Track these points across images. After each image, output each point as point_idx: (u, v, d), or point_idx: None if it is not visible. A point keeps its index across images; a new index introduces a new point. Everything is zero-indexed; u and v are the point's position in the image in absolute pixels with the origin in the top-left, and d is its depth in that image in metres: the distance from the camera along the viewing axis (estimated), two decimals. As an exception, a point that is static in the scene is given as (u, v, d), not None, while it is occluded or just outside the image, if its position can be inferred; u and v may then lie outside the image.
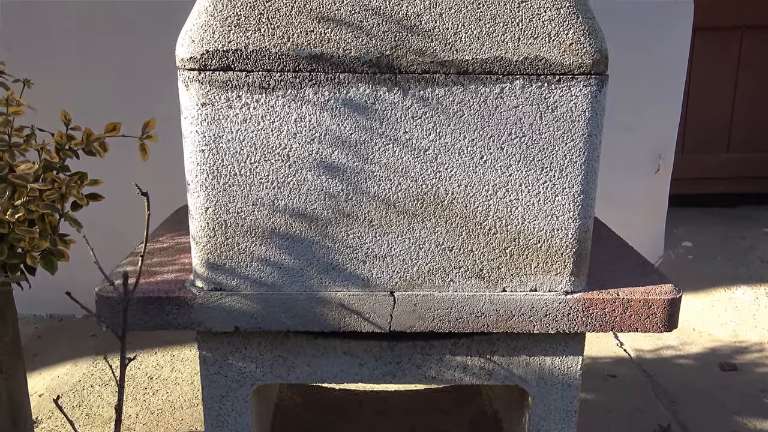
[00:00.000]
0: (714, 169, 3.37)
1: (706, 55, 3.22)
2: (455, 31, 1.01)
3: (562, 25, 1.01)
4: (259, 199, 1.07)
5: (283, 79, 1.03)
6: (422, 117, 1.04)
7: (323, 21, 1.01)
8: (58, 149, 1.46)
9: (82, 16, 2.44)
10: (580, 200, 1.08)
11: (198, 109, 1.04)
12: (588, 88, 1.03)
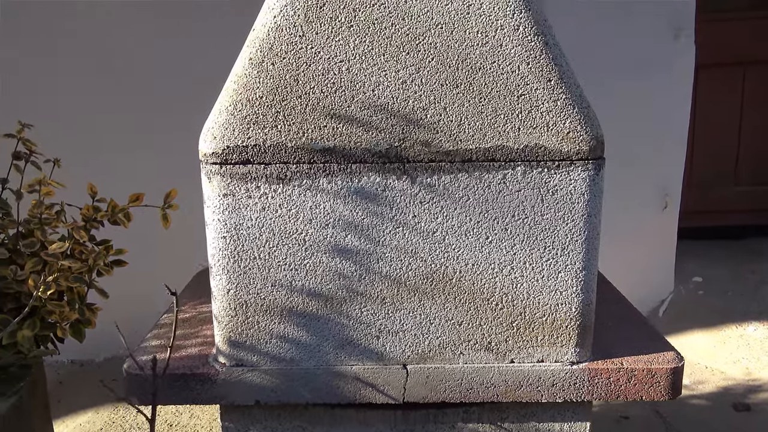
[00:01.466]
0: (722, 202, 3.40)
1: (710, 91, 3.27)
2: (459, 123, 1.08)
3: (560, 115, 1.08)
4: (278, 280, 1.14)
5: (299, 170, 1.10)
6: (430, 202, 1.11)
7: (335, 117, 1.08)
8: (85, 221, 1.54)
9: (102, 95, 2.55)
10: (583, 276, 1.14)
11: (220, 200, 1.11)
12: (586, 172, 1.09)
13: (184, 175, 1.78)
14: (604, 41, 2.72)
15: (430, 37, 1.06)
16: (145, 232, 1.73)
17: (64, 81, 2.57)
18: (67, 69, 2.57)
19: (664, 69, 2.80)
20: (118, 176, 2.03)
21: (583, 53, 2.69)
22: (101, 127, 2.58)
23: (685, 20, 2.82)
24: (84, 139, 2.55)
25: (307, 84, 1.07)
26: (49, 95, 2.57)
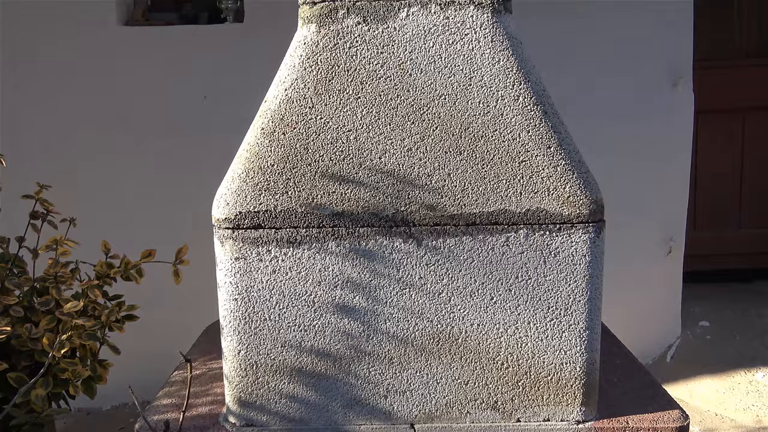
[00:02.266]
0: (727, 245, 3.42)
1: (710, 136, 3.32)
2: (462, 188, 1.12)
3: (560, 180, 1.12)
4: (287, 341, 1.16)
5: (308, 234, 1.13)
6: (435, 264, 1.14)
7: (343, 183, 1.12)
8: (99, 277, 1.58)
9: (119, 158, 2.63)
10: (586, 335, 1.16)
11: (232, 263, 1.14)
12: (587, 234, 1.13)
13: (196, 230, 1.82)
14: (604, 89, 2.78)
15: (434, 107, 1.11)
16: (156, 286, 1.77)
17: (81, 138, 2.64)
18: (83, 127, 2.64)
19: (664, 116, 2.86)
20: (131, 230, 2.08)
21: (583, 101, 2.75)
22: (116, 183, 2.64)
23: (684, 68, 2.89)
24: (99, 195, 2.61)
25: (316, 152, 1.12)
26: (64, 151, 2.64)
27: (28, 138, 2.63)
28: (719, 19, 3.33)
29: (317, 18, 1.10)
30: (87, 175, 2.62)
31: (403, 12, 1.09)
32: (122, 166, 2.63)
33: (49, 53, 2.64)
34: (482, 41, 1.10)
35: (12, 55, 2.62)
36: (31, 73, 2.64)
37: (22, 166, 2.20)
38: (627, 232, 2.70)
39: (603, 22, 2.77)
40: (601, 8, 2.76)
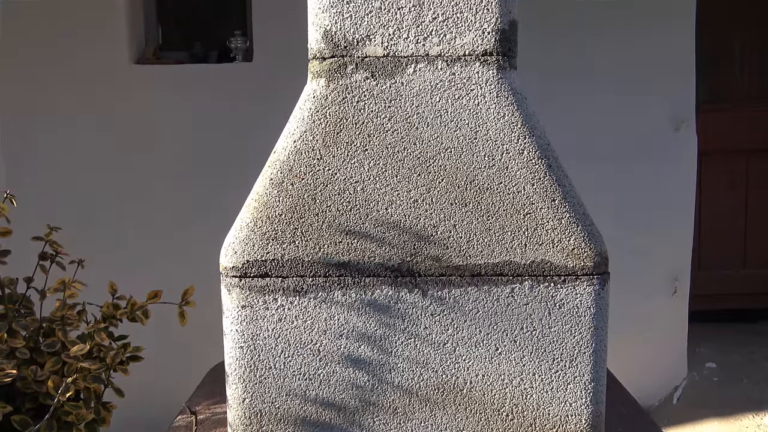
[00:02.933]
0: (732, 285, 3.41)
1: (714, 177, 3.34)
2: (468, 239, 1.13)
3: (564, 232, 1.13)
4: (292, 390, 1.16)
5: (314, 284, 1.14)
6: (440, 314, 1.15)
7: (350, 233, 1.14)
8: (105, 318, 1.59)
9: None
10: (591, 388, 1.16)
11: (238, 311, 1.15)
12: (591, 287, 1.13)
13: (202, 272, 1.83)
14: (607, 132, 2.81)
15: (440, 160, 1.13)
16: (161, 327, 1.77)
17: (89, 177, 2.68)
18: (91, 166, 2.68)
19: (668, 158, 2.88)
20: (138, 269, 2.10)
21: (586, 144, 2.78)
22: (123, 221, 2.66)
23: (686, 112, 2.92)
24: (105, 235, 2.63)
25: (324, 203, 1.14)
26: (73, 189, 2.67)
27: (36, 176, 2.67)
28: (721, 62, 3.38)
29: (327, 73, 1.13)
30: (94, 212, 2.65)
31: (410, 68, 1.12)
32: (130, 204, 2.66)
33: (61, 90, 2.70)
34: (488, 97, 1.12)
35: (21, 91, 2.67)
36: (41, 110, 2.69)
37: (28, 201, 2.23)
38: (632, 272, 2.70)
39: (605, 65, 2.81)
40: (603, 53, 2.81)
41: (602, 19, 2.78)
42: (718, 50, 3.36)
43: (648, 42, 2.83)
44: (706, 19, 3.06)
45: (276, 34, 2.72)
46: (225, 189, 2.55)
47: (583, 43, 2.79)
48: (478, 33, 1.11)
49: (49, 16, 2.68)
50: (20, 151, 2.66)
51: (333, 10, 1.11)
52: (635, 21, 2.82)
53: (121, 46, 2.77)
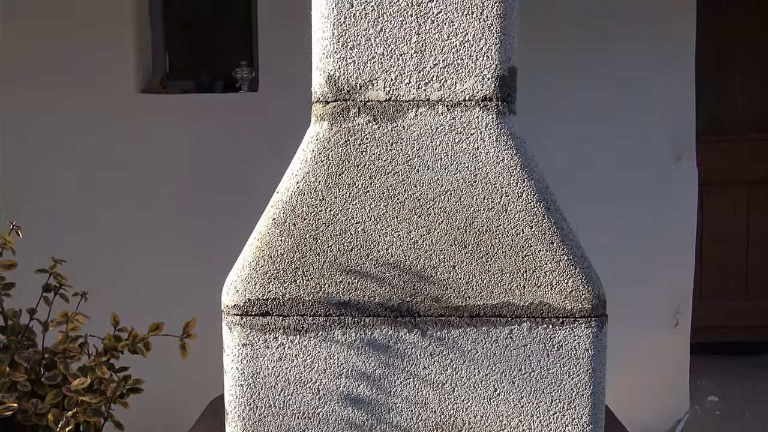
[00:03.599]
0: (734, 317, 3.40)
1: (715, 208, 3.35)
2: (467, 280, 1.15)
3: (562, 274, 1.14)
4: (291, 428, 1.17)
5: (315, 323, 1.15)
6: (439, 355, 1.15)
7: (351, 273, 1.15)
8: (107, 350, 1.60)
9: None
10: (589, 430, 1.16)
11: (239, 349, 1.16)
12: (589, 329, 1.14)
13: (203, 303, 1.84)
14: (607, 164, 2.83)
15: (440, 202, 1.15)
16: (162, 359, 1.78)
17: (93, 206, 2.70)
18: (95, 195, 2.70)
19: (669, 189, 2.90)
20: (140, 300, 2.11)
21: (587, 175, 2.80)
22: (125, 252, 2.68)
23: (687, 142, 2.94)
24: (107, 263, 2.64)
25: (325, 243, 1.15)
26: (77, 219, 2.69)
27: (40, 204, 2.69)
28: (721, 92, 3.42)
29: (330, 116, 1.15)
30: (96, 240, 2.67)
31: (411, 112, 1.15)
32: (135, 234, 2.67)
33: (65, 117, 2.73)
34: (487, 141, 1.14)
35: (24, 116, 2.70)
36: (44, 135, 2.72)
37: (33, 230, 2.25)
38: (633, 304, 2.69)
39: (604, 96, 2.84)
40: (602, 82, 2.84)
41: (601, 49, 2.82)
42: (718, 80, 3.39)
43: (647, 72, 2.86)
44: (706, 49, 3.10)
45: (281, 65, 2.75)
46: (228, 219, 2.57)
47: (582, 73, 2.82)
48: (478, 79, 1.13)
49: (56, 41, 2.73)
50: (21, 177, 2.69)
51: (337, 55, 1.13)
52: (634, 51, 2.85)
53: (128, 74, 2.81)
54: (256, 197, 2.40)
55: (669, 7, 2.86)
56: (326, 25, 1.13)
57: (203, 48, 3.17)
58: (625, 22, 2.82)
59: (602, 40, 2.82)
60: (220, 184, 2.73)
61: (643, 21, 2.84)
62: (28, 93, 2.71)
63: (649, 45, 2.85)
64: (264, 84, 2.83)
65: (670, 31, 2.88)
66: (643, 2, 2.84)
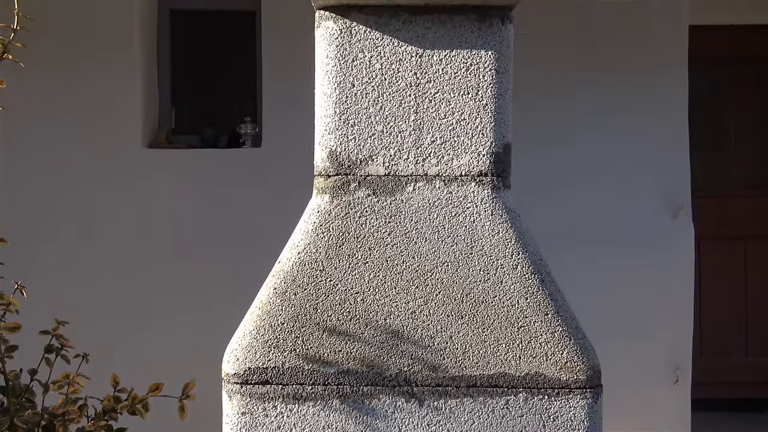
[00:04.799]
0: (735, 373, 3.38)
1: (713, 262, 3.37)
2: (464, 351, 1.17)
3: (557, 346, 1.16)
4: (289, 498, 1.17)
5: (313, 391, 1.17)
6: (436, 424, 1.16)
7: (349, 342, 1.17)
8: (105, 412, 1.60)
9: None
10: (587, 501, 1.16)
11: (238, 417, 1.18)
12: (584, 400, 1.16)
13: (202, 363, 1.86)
14: (606, 220, 2.87)
15: (437, 273, 1.18)
16: (161, 421, 1.78)
17: (91, 264, 2.73)
18: (99, 252, 2.74)
19: (666, 245, 2.93)
20: (138, 359, 2.11)
21: (585, 231, 2.84)
22: (125, 316, 2.69)
23: (683, 199, 2.99)
24: (108, 327, 2.65)
25: (325, 313, 1.18)
26: (80, 277, 2.71)
27: (41, 258, 2.72)
28: (716, 150, 3.49)
29: (331, 189, 1.20)
30: (96, 293, 2.69)
31: (409, 186, 1.19)
32: (137, 291, 2.70)
33: (71, 173, 2.78)
34: (483, 214, 1.18)
35: (29, 172, 2.75)
36: (48, 188, 2.77)
37: (35, 284, 2.27)
38: (633, 360, 2.70)
39: (601, 154, 2.91)
40: (600, 141, 2.91)
41: (594, 107, 2.89)
42: (712, 136, 3.46)
43: (642, 128, 2.93)
44: (700, 106, 3.18)
45: (285, 121, 2.83)
46: (233, 277, 2.60)
47: (577, 129, 2.89)
48: (474, 155, 1.18)
49: (63, 95, 2.80)
50: (24, 229, 2.71)
51: (338, 132, 1.18)
52: (628, 109, 2.93)
53: (135, 129, 2.88)
54: (257, 253, 2.44)
55: (661, 64, 2.95)
56: (328, 104, 1.18)
57: (209, 104, 3.25)
58: (619, 79, 2.91)
59: (597, 97, 2.90)
60: (224, 240, 2.77)
61: (636, 78, 2.93)
62: (33, 144, 2.77)
63: (643, 103, 2.94)
64: (267, 140, 2.90)
65: (662, 89, 2.97)
66: (637, 58, 2.93)
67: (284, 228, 1.98)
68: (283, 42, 2.85)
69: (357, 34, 1.17)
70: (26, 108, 2.74)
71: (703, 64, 3.22)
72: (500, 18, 1.17)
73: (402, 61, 1.17)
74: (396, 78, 1.17)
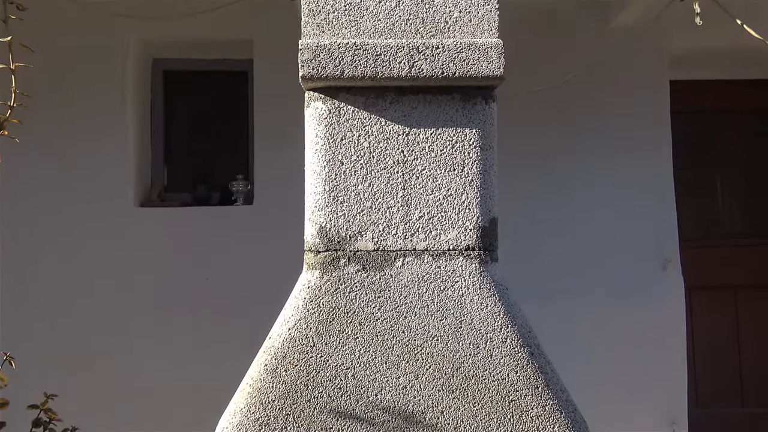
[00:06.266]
0: (732, 424, 3.35)
1: (704, 312, 3.37)
2: (455, 426, 1.16)
3: (549, 419, 1.16)
4: None
5: (304, 470, 1.16)
6: (429, 502, 1.15)
7: (340, 419, 1.17)
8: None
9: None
10: None
11: (228, 498, 1.16)
12: (577, 475, 1.15)
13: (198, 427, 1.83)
14: (597, 273, 2.89)
15: (427, 347, 1.18)
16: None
17: (82, 323, 2.71)
18: (88, 315, 2.72)
19: (656, 296, 2.95)
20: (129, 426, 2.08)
21: (576, 284, 2.85)
22: (116, 380, 2.66)
23: (671, 251, 3.02)
24: (97, 394, 2.62)
25: (316, 389, 1.18)
26: (71, 345, 2.69)
27: (32, 325, 2.69)
28: (702, 200, 3.53)
29: (321, 265, 1.21)
30: (88, 354, 2.66)
31: (399, 261, 1.21)
32: (129, 351, 2.67)
33: (62, 228, 2.77)
34: (471, 288, 1.20)
35: (23, 234, 2.75)
36: (40, 248, 2.75)
37: (29, 351, 2.25)
38: (628, 414, 2.68)
39: (592, 206, 2.95)
40: (589, 194, 2.95)
41: (579, 163, 2.95)
42: (699, 189, 3.51)
43: (628, 182, 2.98)
44: (686, 156, 3.25)
45: (276, 179, 2.86)
46: (226, 335, 2.59)
47: (564, 183, 2.93)
48: (461, 230, 1.20)
49: (56, 154, 2.81)
50: (16, 287, 2.70)
51: (328, 209, 1.21)
52: (612, 164, 2.99)
53: (127, 189, 2.89)
54: (249, 311, 2.43)
55: (645, 117, 3.02)
56: (318, 181, 1.21)
57: (201, 161, 3.28)
58: (601, 138, 2.97)
59: (584, 154, 2.96)
60: (215, 297, 2.76)
61: (619, 136, 2.99)
62: (26, 205, 2.77)
63: (627, 157, 2.99)
64: (259, 197, 2.92)
65: (647, 142, 3.03)
66: (618, 114, 3.00)
67: (275, 288, 1.99)
68: (274, 100, 2.90)
69: (345, 113, 1.20)
70: (21, 165, 2.75)
71: (689, 116, 3.30)
72: (484, 97, 1.21)
73: (389, 139, 1.21)
74: (384, 155, 1.21)
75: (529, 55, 2.67)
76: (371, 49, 1.16)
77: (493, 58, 1.16)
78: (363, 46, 1.16)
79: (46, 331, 2.68)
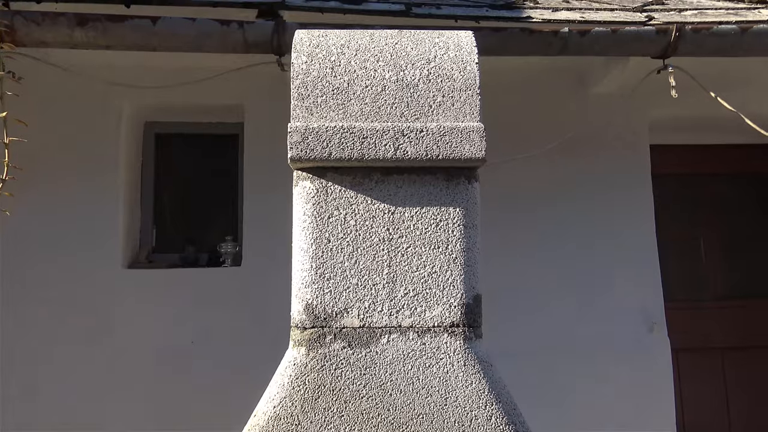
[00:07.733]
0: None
1: (691, 374, 3.37)
2: (441, 506, 1.15)
3: (535, 499, 1.16)
4: None
5: None
6: None
7: (325, 500, 1.16)
8: None
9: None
10: None
11: None
12: None
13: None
14: (582, 336, 2.90)
15: (413, 425, 1.18)
16: None
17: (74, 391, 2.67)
18: (77, 376, 2.68)
19: (643, 359, 2.95)
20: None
21: (564, 347, 2.86)
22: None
23: (657, 314, 3.05)
24: None
25: (300, 469, 1.17)
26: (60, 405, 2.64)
27: (22, 385, 2.65)
28: (686, 262, 3.58)
29: (307, 342, 1.22)
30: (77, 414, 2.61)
31: (384, 338, 1.22)
32: (118, 414, 2.63)
33: (49, 301, 2.75)
34: (456, 365, 1.21)
35: (10, 300, 2.73)
36: (30, 319, 2.73)
37: (12, 410, 2.21)
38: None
39: (580, 270, 2.98)
40: (577, 258, 2.98)
41: (564, 226, 2.99)
42: (683, 252, 3.56)
43: (612, 241, 3.03)
44: (668, 221, 3.30)
45: (265, 241, 2.88)
46: (215, 400, 2.56)
47: (547, 248, 2.97)
48: (446, 307, 1.22)
49: (48, 213, 2.82)
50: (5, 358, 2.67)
51: (314, 285, 1.22)
52: (596, 224, 3.04)
53: (115, 251, 2.90)
54: (237, 373, 2.41)
55: (626, 183, 3.09)
56: (305, 258, 1.23)
57: (190, 222, 3.30)
58: (583, 203, 3.03)
59: (566, 218, 3.01)
60: (204, 360, 2.73)
61: (600, 200, 3.05)
62: (17, 263, 2.76)
63: (611, 220, 3.05)
64: (247, 258, 2.93)
65: (629, 205, 3.09)
66: (598, 178, 3.07)
67: (261, 352, 1.98)
68: (263, 163, 2.94)
69: (333, 193, 1.24)
70: (13, 224, 2.74)
71: (670, 179, 3.38)
72: (466, 177, 1.25)
73: (375, 218, 1.24)
74: (370, 233, 1.23)
75: (511, 123, 2.76)
76: (358, 132, 1.20)
77: (475, 141, 1.20)
78: (350, 129, 1.20)
79: (29, 391, 2.63)
